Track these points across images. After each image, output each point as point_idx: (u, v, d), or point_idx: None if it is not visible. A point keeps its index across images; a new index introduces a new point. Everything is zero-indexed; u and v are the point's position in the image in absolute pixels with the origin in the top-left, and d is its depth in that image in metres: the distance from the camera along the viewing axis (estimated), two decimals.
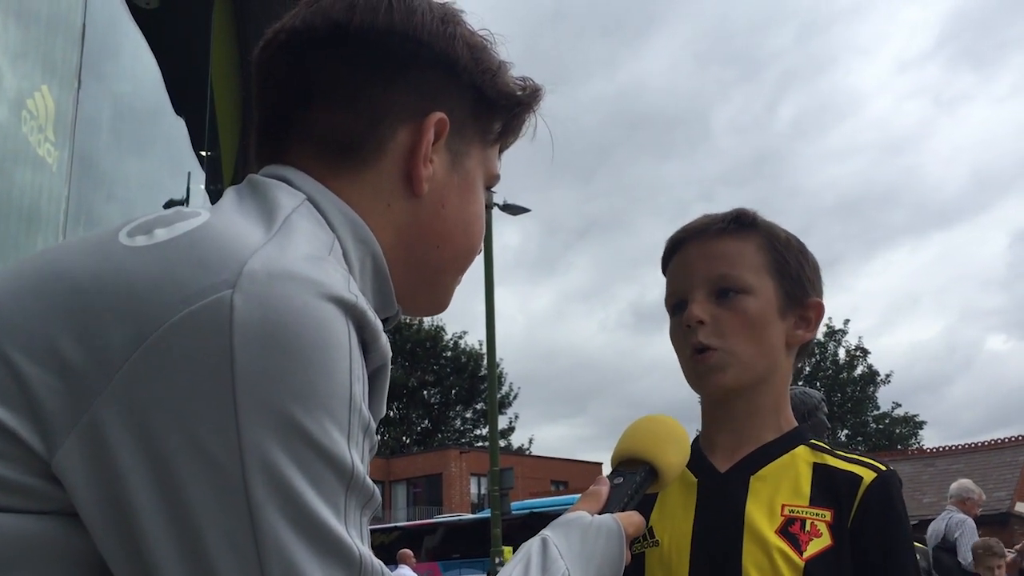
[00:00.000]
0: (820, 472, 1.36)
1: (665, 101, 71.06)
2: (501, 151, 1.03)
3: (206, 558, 0.66)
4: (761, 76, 71.46)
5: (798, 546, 1.30)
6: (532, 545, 0.98)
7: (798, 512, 1.33)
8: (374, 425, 0.77)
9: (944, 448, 27.44)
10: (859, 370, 40.21)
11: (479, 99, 0.95)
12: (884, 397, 41.09)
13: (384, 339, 0.79)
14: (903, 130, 72.01)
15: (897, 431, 40.16)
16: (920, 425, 41.04)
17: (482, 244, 1.02)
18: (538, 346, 64.90)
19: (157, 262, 0.72)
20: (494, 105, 0.97)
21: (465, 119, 0.95)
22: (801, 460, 1.38)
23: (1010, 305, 62.58)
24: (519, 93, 0.99)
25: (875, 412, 40.54)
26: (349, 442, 0.71)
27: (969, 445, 26.78)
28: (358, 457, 0.72)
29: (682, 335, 1.42)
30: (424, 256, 0.94)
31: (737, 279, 1.40)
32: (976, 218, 68.57)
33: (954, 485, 7.58)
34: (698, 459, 1.43)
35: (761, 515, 1.33)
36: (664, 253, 1.50)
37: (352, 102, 0.90)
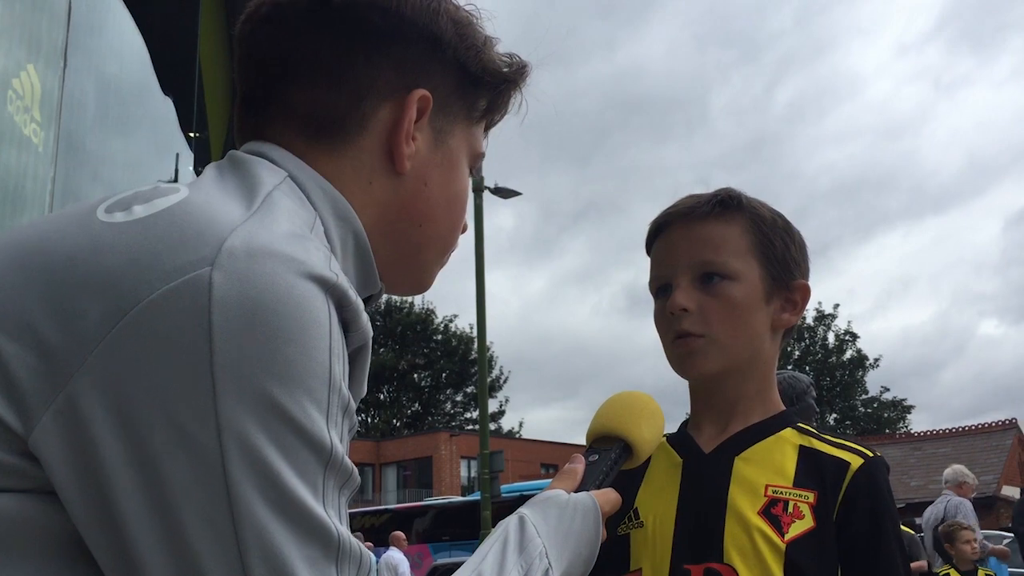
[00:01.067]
0: (806, 454, 1.36)
1: (663, 83, 71.21)
2: (487, 129, 1.02)
3: (183, 536, 0.65)
4: (760, 58, 71.63)
5: (780, 528, 1.29)
6: (509, 523, 0.98)
7: (781, 493, 1.32)
8: (354, 405, 0.76)
9: (931, 432, 27.66)
10: (848, 354, 40.45)
11: (464, 76, 0.94)
12: (873, 381, 41.44)
13: (365, 318, 0.78)
14: (902, 114, 72.39)
15: (885, 415, 40.46)
16: (908, 409, 41.39)
17: (466, 223, 1.02)
18: (531, 329, 65.12)
19: (135, 238, 0.71)
20: (479, 82, 0.95)
21: (449, 96, 0.94)
22: (787, 442, 1.38)
23: (1003, 290, 63.25)
24: (505, 70, 0.97)
25: (864, 396, 40.82)
26: (328, 421, 0.70)
27: (956, 429, 26.99)
28: (337, 437, 0.71)
29: (666, 320, 1.41)
30: (406, 234, 0.93)
31: (722, 265, 1.38)
32: (971, 203, 69.15)
33: (948, 471, 7.71)
34: (684, 440, 1.44)
35: (744, 496, 1.33)
36: (648, 235, 1.49)
37: (333, 78, 0.88)
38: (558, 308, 68.43)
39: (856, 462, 1.33)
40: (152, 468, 0.65)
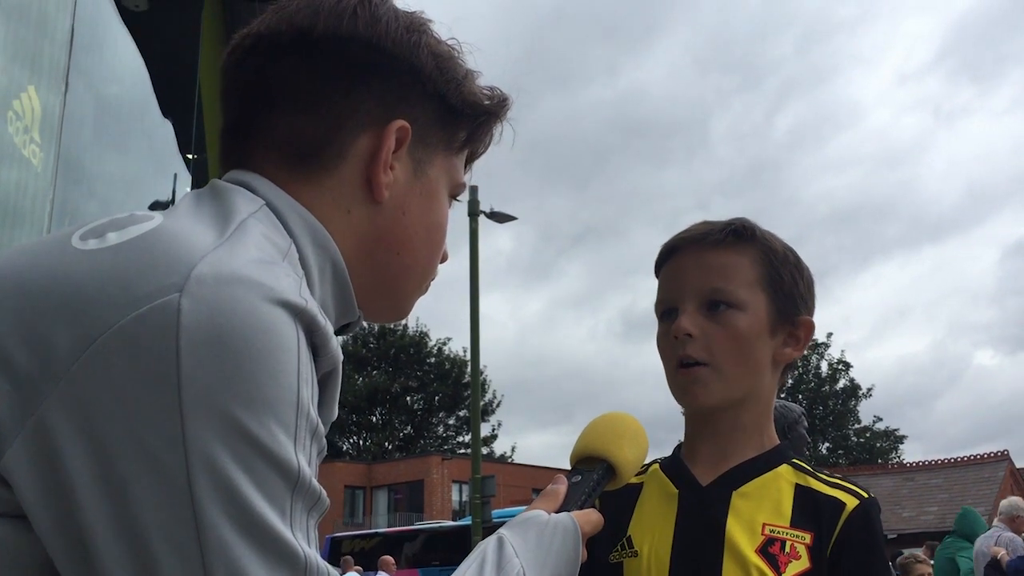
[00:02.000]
0: (802, 494, 1.36)
1: (664, 108, 71.42)
2: (470, 160, 1.04)
3: (151, 560, 0.66)
4: (761, 85, 71.96)
5: (777, 567, 1.30)
6: (488, 544, 0.98)
7: (779, 532, 1.32)
8: (323, 428, 0.77)
9: (924, 463, 27.57)
10: (841, 383, 40.39)
11: (443, 108, 0.96)
12: (866, 411, 41.36)
13: (335, 343, 0.79)
14: (901, 143, 72.66)
15: (878, 445, 40.33)
16: (901, 439, 41.29)
17: (446, 252, 1.03)
18: (527, 353, 64.90)
19: (107, 265, 0.72)
20: (459, 114, 0.97)
21: (429, 127, 0.95)
22: (783, 480, 1.38)
23: (999, 320, 63.28)
24: (486, 102, 0.99)
25: (856, 426, 40.71)
26: (296, 445, 0.71)
27: (949, 460, 26.90)
28: (305, 460, 0.72)
29: (669, 344, 1.41)
30: (384, 262, 0.95)
31: (730, 294, 1.39)
32: (969, 232, 69.33)
33: (1004, 502, 7.66)
34: (679, 470, 1.44)
35: (741, 532, 1.33)
36: (658, 257, 1.49)
37: (314, 108, 0.90)
38: (554, 332, 68.34)
39: (851, 503, 1.34)
40: (120, 492, 0.66)
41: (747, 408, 1.42)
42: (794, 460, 1.42)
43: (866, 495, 1.36)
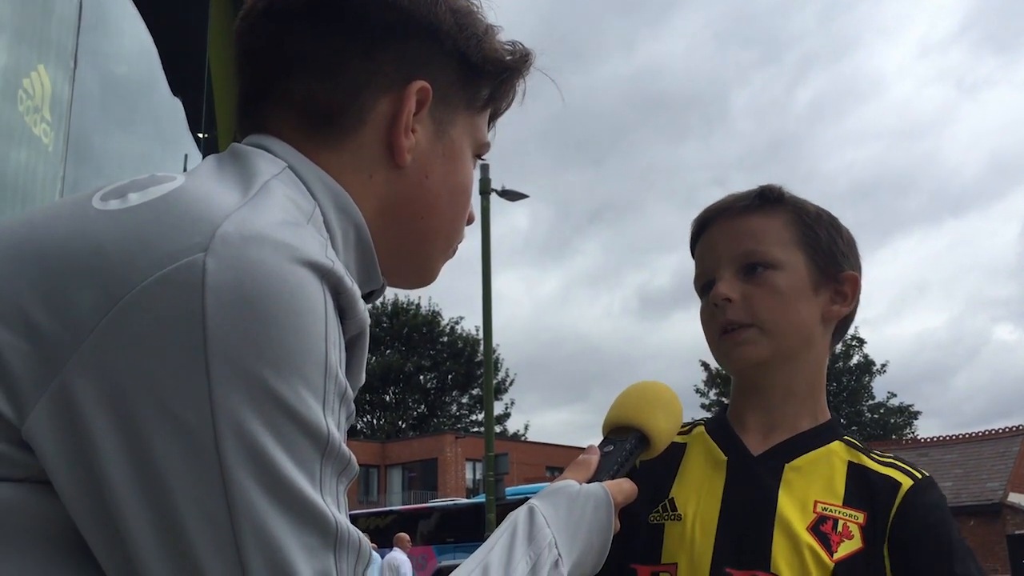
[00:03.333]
0: (855, 472, 1.33)
1: (683, 82, 71.19)
2: (493, 118, 1.01)
3: (178, 525, 0.65)
4: (782, 57, 71.48)
5: (829, 546, 1.26)
6: (519, 514, 0.97)
7: (831, 511, 1.29)
8: (351, 392, 0.76)
9: (938, 438, 27.53)
10: (855, 359, 40.32)
11: (464, 65, 0.93)
12: (880, 387, 41.24)
13: (362, 305, 0.77)
14: (923, 115, 72.11)
15: (892, 421, 40.30)
16: (915, 415, 41.23)
17: (472, 214, 1.01)
18: (542, 331, 65.06)
19: (129, 226, 0.70)
20: (480, 71, 0.94)
21: (450, 87, 0.93)
22: (836, 456, 1.35)
23: (1019, 295, 62.82)
24: (507, 58, 0.96)
25: (870, 402, 40.67)
26: (324, 409, 0.69)
27: (964, 435, 26.86)
28: (334, 424, 0.70)
29: (710, 314, 1.38)
30: (408, 227, 0.92)
31: (764, 254, 1.35)
32: (990, 206, 68.90)
33: None
34: (728, 436, 1.40)
35: (793, 508, 1.29)
36: (691, 234, 1.47)
37: (331, 71, 0.88)
38: (569, 310, 68.49)
39: (906, 483, 1.30)
40: (146, 456, 0.65)
41: (797, 370, 1.37)
42: (846, 437, 1.38)
43: (920, 475, 1.32)
